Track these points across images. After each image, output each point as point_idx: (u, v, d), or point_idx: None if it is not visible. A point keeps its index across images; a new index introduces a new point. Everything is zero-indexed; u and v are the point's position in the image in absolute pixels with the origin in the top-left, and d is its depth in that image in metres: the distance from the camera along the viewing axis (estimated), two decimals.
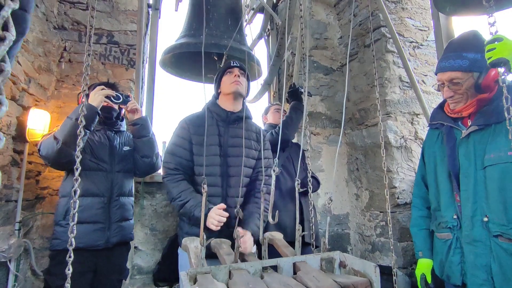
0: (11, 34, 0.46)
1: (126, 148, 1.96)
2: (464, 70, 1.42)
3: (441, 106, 1.68)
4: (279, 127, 2.52)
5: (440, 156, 1.56)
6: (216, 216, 1.53)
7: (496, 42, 1.14)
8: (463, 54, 1.44)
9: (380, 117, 1.76)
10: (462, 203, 1.40)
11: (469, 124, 1.48)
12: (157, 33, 3.23)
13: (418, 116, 2.85)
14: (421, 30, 3.10)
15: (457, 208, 1.43)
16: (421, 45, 3.07)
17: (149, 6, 3.19)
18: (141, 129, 1.95)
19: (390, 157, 2.70)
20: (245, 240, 1.53)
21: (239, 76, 1.80)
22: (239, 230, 1.25)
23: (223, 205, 1.58)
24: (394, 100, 2.81)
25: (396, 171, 2.68)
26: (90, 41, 1.10)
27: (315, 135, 3.19)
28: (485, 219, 1.31)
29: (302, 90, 2.56)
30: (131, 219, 1.95)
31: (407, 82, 2.86)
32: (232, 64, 1.84)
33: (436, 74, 1.57)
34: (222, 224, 1.54)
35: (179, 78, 3.22)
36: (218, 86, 1.88)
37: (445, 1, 2.59)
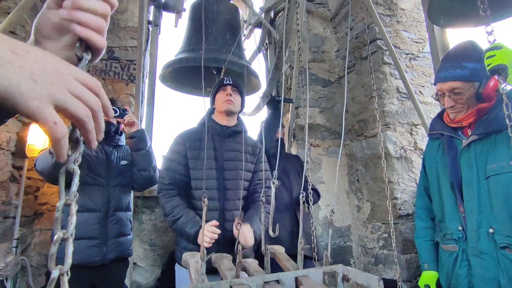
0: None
1: (124, 162, 1.95)
2: (465, 80, 1.43)
3: (440, 115, 1.69)
4: (277, 139, 2.53)
5: (442, 166, 1.55)
6: (209, 233, 1.51)
7: (495, 50, 1.16)
8: (463, 64, 1.45)
9: (380, 128, 1.77)
10: (467, 215, 1.38)
11: (469, 133, 1.48)
12: (157, 49, 3.28)
13: (417, 126, 2.86)
14: (416, 42, 3.15)
15: (462, 219, 1.41)
16: (417, 56, 3.12)
17: (149, 22, 3.25)
18: (138, 142, 1.95)
19: (391, 168, 2.69)
20: (244, 231, 1.51)
21: (231, 94, 1.81)
22: (237, 220, 1.24)
23: (215, 222, 1.57)
24: (392, 111, 2.83)
25: (397, 182, 2.67)
26: None
27: (314, 146, 3.19)
28: (491, 230, 1.29)
29: (279, 99, 2.62)
30: (129, 234, 1.92)
31: (404, 93, 2.88)
32: (225, 82, 1.86)
33: (435, 84, 1.59)
34: (214, 240, 1.52)
35: (179, 92, 3.27)
36: (213, 101, 1.91)
37: (439, 13, 2.65)
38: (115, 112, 1.87)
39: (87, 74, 0.41)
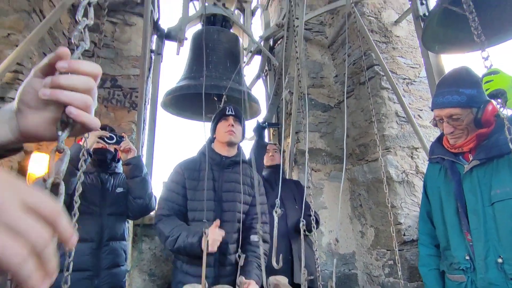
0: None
1: (119, 189, 1.92)
2: (463, 106, 1.44)
3: (439, 139, 1.69)
4: (278, 165, 2.52)
5: (445, 191, 1.53)
6: (213, 236, 1.43)
7: (492, 75, 1.18)
8: (459, 90, 1.47)
9: (380, 152, 1.77)
10: (474, 243, 1.34)
11: (470, 158, 1.47)
12: (158, 76, 3.36)
13: (417, 150, 2.86)
14: (412, 67, 3.23)
15: (469, 248, 1.37)
16: (414, 81, 3.18)
17: (151, 51, 3.35)
18: (134, 169, 1.93)
19: (393, 192, 2.66)
20: None
21: (233, 125, 1.81)
22: (242, 278, 1.19)
23: (218, 222, 1.51)
24: (392, 135, 2.84)
25: (400, 207, 2.63)
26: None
27: (315, 171, 3.18)
28: (500, 260, 1.25)
29: (264, 125, 2.69)
30: (123, 265, 1.85)
31: (403, 117, 2.91)
32: (227, 113, 1.85)
33: (432, 110, 1.60)
34: (218, 243, 1.45)
35: (180, 118, 3.31)
36: (213, 131, 1.90)
37: (433, 40, 2.73)
38: (112, 139, 1.88)
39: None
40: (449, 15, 2.44)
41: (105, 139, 1.85)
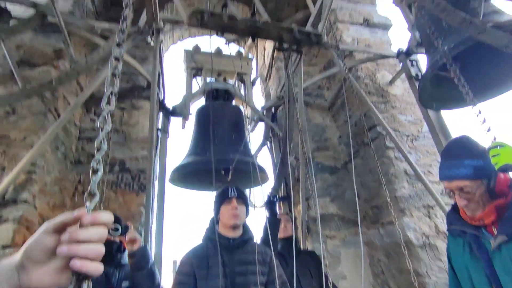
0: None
1: (125, 283, 1.84)
2: (472, 178, 1.41)
3: (455, 208, 1.63)
4: (291, 237, 2.43)
5: (475, 271, 1.43)
6: None
7: (498, 148, 1.17)
8: (464, 162, 1.45)
9: (395, 216, 1.70)
10: None
11: (494, 231, 1.40)
12: (166, 153, 3.44)
13: (433, 208, 2.76)
14: (414, 123, 3.27)
15: None
16: (418, 137, 3.19)
17: (158, 129, 3.48)
18: (139, 261, 1.87)
19: (416, 258, 2.51)
20: None
21: (237, 207, 1.80)
22: None
23: None
24: (405, 195, 2.77)
25: (426, 274, 2.45)
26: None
27: (330, 238, 3.06)
28: None
29: (274, 200, 2.67)
30: None
31: (413, 175, 2.86)
32: (230, 195, 1.83)
33: (440, 181, 1.57)
34: None
35: (188, 189, 3.33)
36: (217, 212, 1.87)
37: (430, 99, 2.80)
38: (117, 230, 1.85)
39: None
40: (440, 77, 2.54)
41: (110, 230, 1.82)
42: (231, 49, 3.97)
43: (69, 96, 2.71)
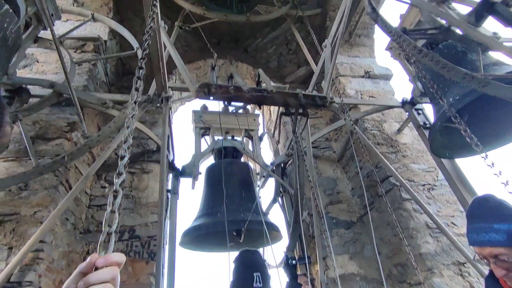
0: None
1: None
2: (506, 245, 1.30)
3: (493, 275, 1.49)
4: None
5: None
6: None
7: None
8: (494, 227, 1.35)
9: (422, 278, 1.55)
10: None
11: None
12: (176, 215, 3.37)
13: (465, 265, 2.55)
14: (428, 171, 3.18)
15: None
16: (435, 185, 3.08)
17: (168, 191, 3.46)
18: None
19: None
20: None
21: None
22: None
23: None
24: (430, 251, 2.59)
25: None
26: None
27: None
28: None
29: (293, 264, 2.59)
30: None
31: (436, 228, 2.70)
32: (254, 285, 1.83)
33: (469, 245, 1.46)
34: None
35: (200, 252, 3.19)
36: None
37: (442, 148, 2.74)
38: None
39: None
40: (450, 127, 2.51)
41: None
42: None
43: (81, 165, 2.75)
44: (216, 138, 3.73)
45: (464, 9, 2.77)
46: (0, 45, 1.86)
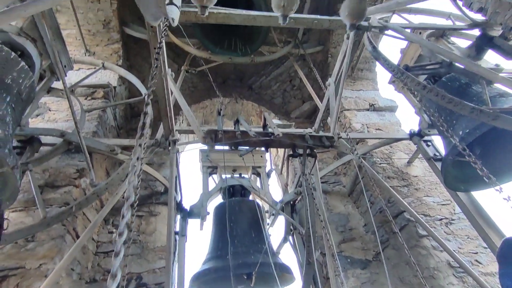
0: None
1: None
2: None
3: None
4: None
5: None
6: None
7: None
8: None
9: None
10: None
11: None
12: (184, 259, 3.26)
13: None
14: (444, 205, 3.06)
15: None
16: (452, 219, 2.95)
17: (176, 233, 3.38)
18: None
19: None
20: None
21: None
22: None
23: None
24: None
25: None
26: None
27: None
28: None
29: None
30: None
31: (459, 267, 2.54)
32: None
33: None
34: None
35: None
36: None
37: (456, 181, 2.66)
38: None
39: None
40: (461, 160, 2.45)
41: None
42: None
43: (88, 211, 2.73)
44: (223, 176, 3.72)
45: (463, 43, 2.82)
46: (15, 100, 1.93)
